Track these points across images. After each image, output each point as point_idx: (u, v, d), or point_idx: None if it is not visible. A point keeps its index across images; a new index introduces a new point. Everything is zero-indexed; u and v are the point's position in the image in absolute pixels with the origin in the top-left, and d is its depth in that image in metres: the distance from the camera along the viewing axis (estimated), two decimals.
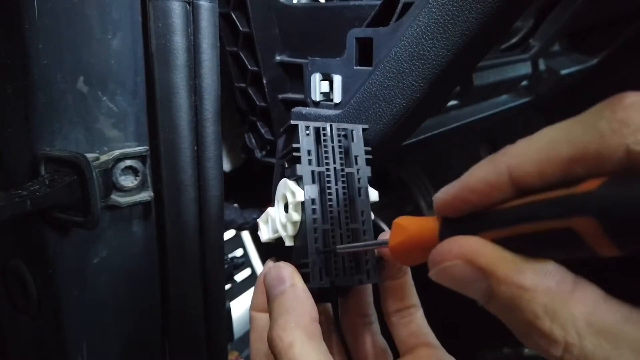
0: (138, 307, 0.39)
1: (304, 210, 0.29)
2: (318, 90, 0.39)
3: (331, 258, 0.29)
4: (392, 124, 0.35)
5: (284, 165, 0.32)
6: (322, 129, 0.31)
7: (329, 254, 0.29)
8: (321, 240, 0.29)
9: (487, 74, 0.52)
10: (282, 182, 0.31)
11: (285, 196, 0.31)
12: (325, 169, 0.30)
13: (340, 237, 0.29)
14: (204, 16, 0.35)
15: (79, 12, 0.32)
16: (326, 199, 0.30)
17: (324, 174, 0.30)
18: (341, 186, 0.30)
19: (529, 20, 0.56)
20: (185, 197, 0.36)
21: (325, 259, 0.29)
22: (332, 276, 0.29)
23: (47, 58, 0.32)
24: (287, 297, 0.27)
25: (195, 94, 0.36)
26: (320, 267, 0.28)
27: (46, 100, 0.32)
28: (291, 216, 0.29)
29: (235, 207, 0.51)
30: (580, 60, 0.74)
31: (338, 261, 0.29)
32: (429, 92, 0.34)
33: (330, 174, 0.30)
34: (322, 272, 0.28)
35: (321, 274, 0.28)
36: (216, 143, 0.37)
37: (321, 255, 0.29)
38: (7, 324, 0.40)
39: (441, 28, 0.31)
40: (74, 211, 0.33)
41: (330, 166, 0.30)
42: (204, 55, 0.35)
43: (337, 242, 0.29)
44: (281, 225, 0.31)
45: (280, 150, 0.33)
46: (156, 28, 0.34)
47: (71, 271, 0.35)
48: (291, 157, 0.30)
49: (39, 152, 0.33)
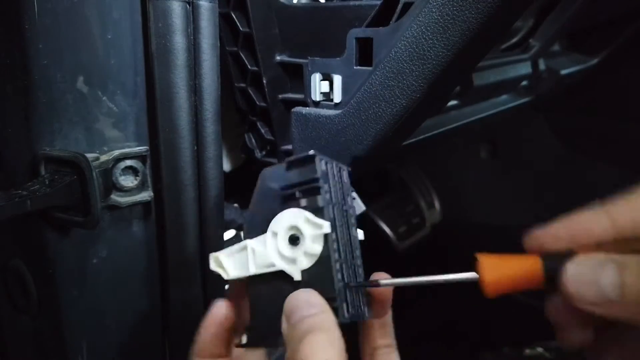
0: (138, 307, 0.39)
1: (326, 242, 0.28)
2: (318, 90, 0.39)
3: (355, 292, 0.28)
4: (392, 124, 0.35)
5: (289, 196, 0.30)
6: (326, 163, 0.30)
7: (352, 289, 0.28)
8: (340, 274, 0.28)
9: (487, 74, 0.52)
10: (293, 213, 0.29)
11: (296, 227, 0.29)
12: (333, 203, 0.29)
13: (350, 271, 0.29)
14: (204, 16, 0.35)
15: (79, 12, 0.32)
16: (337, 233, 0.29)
17: (334, 208, 0.29)
18: (345, 222, 0.30)
19: (529, 20, 0.56)
20: (185, 197, 0.36)
21: (346, 293, 0.28)
22: (356, 310, 0.28)
23: (47, 58, 0.32)
24: (321, 318, 0.26)
25: (195, 94, 0.36)
26: (345, 302, 0.27)
27: (46, 100, 0.32)
28: (311, 248, 0.28)
29: (235, 207, 0.51)
30: (580, 60, 0.74)
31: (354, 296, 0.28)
32: (429, 92, 0.34)
33: (337, 210, 0.29)
34: (348, 307, 0.27)
35: (347, 308, 0.27)
36: (216, 143, 0.37)
37: (346, 290, 0.28)
38: (7, 324, 0.40)
39: (441, 28, 0.31)
40: (74, 211, 0.33)
41: (337, 202, 0.30)
42: (204, 55, 0.35)
43: (347, 276, 0.28)
44: (283, 259, 0.29)
45: (284, 178, 0.30)
46: (156, 28, 0.34)
47: (71, 271, 0.35)
48: (310, 188, 0.29)
49: (39, 152, 0.33)
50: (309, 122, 0.39)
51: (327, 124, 0.38)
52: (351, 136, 0.37)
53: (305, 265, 0.28)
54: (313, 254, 0.28)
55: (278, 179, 0.30)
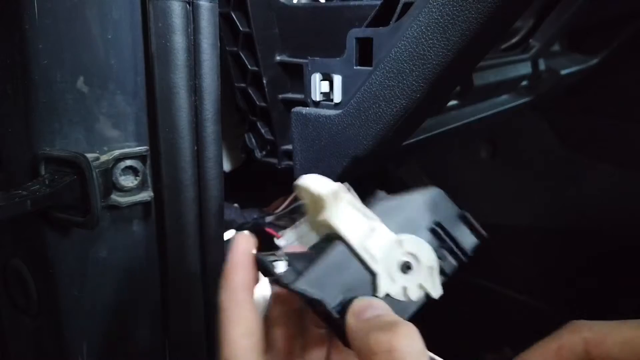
0: (138, 307, 0.39)
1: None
2: (318, 90, 0.39)
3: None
4: (392, 124, 0.35)
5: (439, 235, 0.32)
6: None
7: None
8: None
9: (487, 74, 0.52)
10: (432, 255, 0.30)
11: (427, 267, 0.31)
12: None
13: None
14: (204, 16, 0.35)
15: (79, 12, 0.32)
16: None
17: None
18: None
19: (529, 20, 0.56)
20: (185, 197, 0.36)
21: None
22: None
23: (47, 58, 0.32)
24: (399, 319, 0.27)
25: (196, 94, 0.36)
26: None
27: (46, 100, 0.32)
28: (416, 294, 0.30)
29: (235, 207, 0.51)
30: (580, 60, 0.74)
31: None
32: (429, 92, 0.34)
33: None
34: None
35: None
36: (216, 143, 0.37)
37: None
38: (8, 324, 0.40)
39: (441, 28, 0.31)
40: (74, 211, 0.33)
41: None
42: (204, 55, 0.35)
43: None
44: (386, 268, 0.30)
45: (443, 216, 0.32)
46: (156, 28, 0.34)
47: (71, 271, 0.35)
48: (454, 252, 0.31)
49: (39, 152, 0.33)
50: (309, 122, 0.39)
51: (327, 124, 0.38)
52: (351, 136, 0.37)
53: (401, 295, 0.29)
54: (417, 297, 0.29)
55: (437, 213, 0.31)
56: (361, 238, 0.30)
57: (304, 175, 0.31)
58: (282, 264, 0.31)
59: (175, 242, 0.37)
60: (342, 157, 0.38)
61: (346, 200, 0.30)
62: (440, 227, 0.31)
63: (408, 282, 0.29)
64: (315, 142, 0.39)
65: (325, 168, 0.39)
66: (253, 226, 0.51)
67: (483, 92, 0.55)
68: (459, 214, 0.31)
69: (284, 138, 0.46)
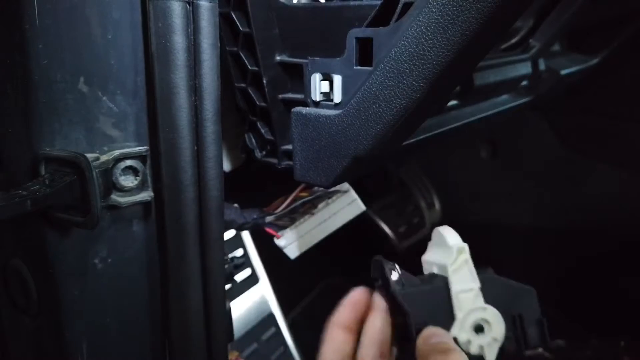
0: (138, 307, 0.39)
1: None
2: (318, 90, 0.39)
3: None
4: (392, 124, 0.35)
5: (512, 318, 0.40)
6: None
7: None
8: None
9: (488, 74, 0.52)
10: (502, 326, 0.38)
11: (497, 334, 0.39)
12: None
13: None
14: (204, 16, 0.35)
15: (79, 12, 0.32)
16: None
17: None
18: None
19: (529, 21, 0.56)
20: (185, 197, 0.36)
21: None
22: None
23: (47, 58, 0.32)
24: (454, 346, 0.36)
25: (196, 94, 0.36)
26: None
27: (46, 100, 0.32)
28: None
29: (235, 207, 0.51)
30: (580, 60, 0.74)
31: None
32: (429, 92, 0.34)
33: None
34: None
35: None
36: (216, 143, 0.37)
37: None
38: (7, 324, 0.40)
39: (441, 28, 0.31)
40: (74, 211, 0.33)
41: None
42: (204, 55, 0.35)
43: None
44: (463, 328, 0.38)
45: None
46: (156, 28, 0.34)
47: (71, 271, 0.35)
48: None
49: (39, 152, 0.33)
50: (309, 122, 0.39)
51: (327, 124, 0.38)
52: (351, 136, 0.37)
53: (465, 345, 0.37)
54: (474, 353, 0.37)
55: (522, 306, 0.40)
56: (460, 289, 0.38)
57: (446, 227, 0.42)
58: (395, 274, 0.39)
59: (175, 242, 0.37)
60: (342, 157, 0.38)
61: (464, 258, 0.39)
62: (519, 318, 0.39)
63: (474, 338, 0.37)
64: (315, 142, 0.39)
65: (325, 168, 0.39)
66: (253, 226, 0.51)
67: (483, 92, 0.55)
68: (539, 317, 0.40)
69: (284, 138, 0.46)
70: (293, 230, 0.52)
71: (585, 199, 0.89)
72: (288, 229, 0.52)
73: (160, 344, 0.41)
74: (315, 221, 0.52)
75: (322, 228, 0.52)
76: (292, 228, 0.52)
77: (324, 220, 0.52)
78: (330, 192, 0.52)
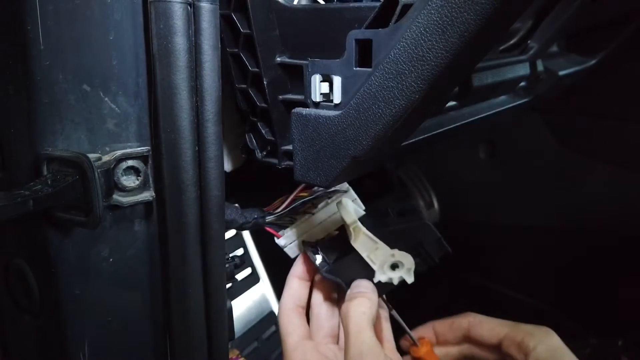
0: (140, 306, 0.39)
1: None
2: (318, 91, 0.39)
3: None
4: (391, 124, 0.35)
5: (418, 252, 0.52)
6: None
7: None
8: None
9: (486, 75, 0.52)
10: (411, 262, 0.48)
11: (405, 268, 0.49)
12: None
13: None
14: (205, 18, 0.35)
15: (80, 13, 0.33)
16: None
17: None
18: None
19: (528, 22, 0.56)
20: (186, 197, 0.37)
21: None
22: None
23: (49, 59, 0.32)
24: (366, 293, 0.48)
25: (197, 95, 0.36)
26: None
27: (48, 100, 0.33)
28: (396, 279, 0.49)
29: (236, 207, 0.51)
30: (579, 61, 0.74)
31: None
32: (428, 93, 0.34)
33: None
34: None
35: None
36: (217, 143, 0.37)
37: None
38: (10, 323, 0.40)
39: (440, 30, 0.32)
40: (76, 211, 0.33)
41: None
42: (205, 56, 0.36)
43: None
44: (381, 265, 0.48)
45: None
46: (157, 29, 0.34)
47: (73, 270, 0.36)
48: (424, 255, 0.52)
49: (41, 152, 0.33)
50: (309, 122, 0.40)
51: (327, 125, 0.39)
52: (351, 137, 0.37)
53: (384, 277, 0.48)
54: (398, 282, 0.48)
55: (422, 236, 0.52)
56: (366, 254, 0.48)
57: (346, 201, 0.51)
58: (318, 256, 0.50)
59: (176, 242, 0.37)
60: (342, 157, 0.38)
61: (358, 229, 0.49)
62: (420, 244, 0.51)
63: (394, 274, 0.48)
64: (315, 142, 0.39)
65: (325, 168, 0.39)
66: (253, 226, 0.51)
67: (482, 93, 0.55)
68: (437, 237, 0.51)
69: (284, 138, 0.47)
70: (293, 230, 0.53)
71: (584, 198, 0.90)
72: (288, 229, 0.53)
73: (162, 342, 0.41)
74: (315, 221, 0.53)
75: (322, 228, 0.53)
76: (292, 228, 0.53)
77: (324, 220, 0.53)
78: (330, 192, 0.52)
